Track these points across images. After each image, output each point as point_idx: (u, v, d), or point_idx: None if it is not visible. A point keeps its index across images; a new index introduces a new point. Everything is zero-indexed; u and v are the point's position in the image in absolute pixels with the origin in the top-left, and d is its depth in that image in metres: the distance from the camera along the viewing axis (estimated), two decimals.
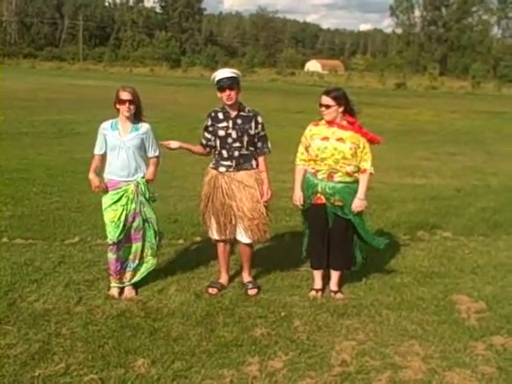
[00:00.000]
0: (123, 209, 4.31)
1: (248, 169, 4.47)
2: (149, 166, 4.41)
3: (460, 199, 8.16)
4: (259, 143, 4.50)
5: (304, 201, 4.48)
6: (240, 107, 4.46)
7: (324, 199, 4.40)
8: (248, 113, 4.47)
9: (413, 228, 6.49)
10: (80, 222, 6.20)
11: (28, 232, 5.81)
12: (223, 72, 4.40)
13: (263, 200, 4.45)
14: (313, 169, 4.43)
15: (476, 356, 3.64)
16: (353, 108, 4.41)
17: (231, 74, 4.36)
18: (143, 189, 4.34)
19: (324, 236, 4.51)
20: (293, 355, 3.59)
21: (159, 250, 4.66)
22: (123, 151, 4.27)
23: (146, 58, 74.94)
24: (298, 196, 4.50)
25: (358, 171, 4.37)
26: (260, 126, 4.47)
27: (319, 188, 4.39)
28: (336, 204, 4.39)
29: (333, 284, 4.60)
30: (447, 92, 44.83)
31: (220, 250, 4.66)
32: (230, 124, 4.41)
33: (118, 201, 4.30)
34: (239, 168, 4.44)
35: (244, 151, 4.43)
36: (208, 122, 4.50)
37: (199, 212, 4.71)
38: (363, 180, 4.38)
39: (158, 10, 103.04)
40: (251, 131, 4.43)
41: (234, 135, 4.40)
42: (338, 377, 3.36)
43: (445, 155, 12.47)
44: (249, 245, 4.61)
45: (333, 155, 4.29)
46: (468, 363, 3.56)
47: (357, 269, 4.67)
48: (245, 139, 4.41)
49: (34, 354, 3.47)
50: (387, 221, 6.74)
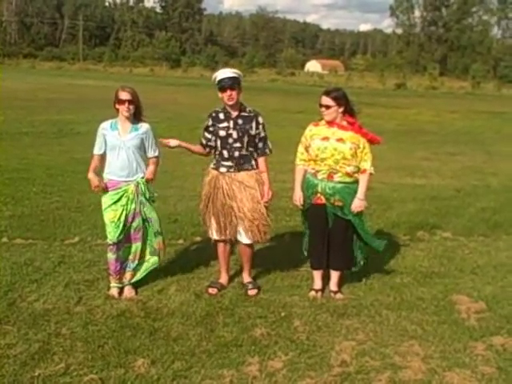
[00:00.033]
0: (123, 209, 4.30)
1: (248, 169, 4.46)
2: (148, 166, 4.41)
3: (460, 199, 8.16)
4: (260, 144, 4.49)
5: (304, 201, 4.48)
6: (241, 107, 4.46)
7: (324, 199, 4.40)
8: (249, 113, 4.46)
9: (413, 228, 6.49)
10: (80, 222, 6.20)
11: (28, 232, 5.81)
12: (224, 72, 4.39)
13: (264, 200, 4.45)
14: (313, 169, 4.43)
15: (476, 356, 3.64)
16: (353, 108, 4.41)
17: (232, 74, 4.36)
18: (143, 189, 4.33)
19: (324, 236, 4.51)
20: (293, 355, 3.59)
21: (164, 250, 4.62)
22: (123, 151, 4.27)
23: (146, 58, 74.95)
24: (298, 196, 4.50)
25: (358, 171, 4.37)
26: (261, 127, 4.47)
27: (319, 188, 4.39)
28: (336, 204, 4.39)
29: (333, 284, 4.60)
30: (447, 92, 44.85)
31: (220, 250, 4.66)
32: (231, 124, 4.41)
33: (118, 201, 4.30)
34: (240, 168, 4.44)
35: (244, 152, 4.43)
36: (209, 122, 4.49)
37: (199, 212, 4.71)
38: (363, 180, 4.38)
39: (158, 10, 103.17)
40: (252, 131, 4.42)
41: (235, 135, 4.40)
42: (338, 377, 3.36)
43: (445, 155, 12.48)
44: (249, 245, 4.61)
45: (333, 155, 4.30)
46: (468, 363, 3.56)
47: (357, 269, 4.68)
48: (245, 139, 4.40)
49: (34, 354, 3.47)
50: (387, 221, 6.75)
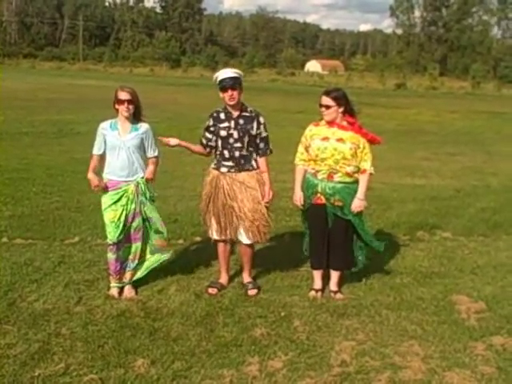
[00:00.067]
0: (123, 209, 4.30)
1: (249, 170, 4.46)
2: (148, 166, 4.41)
3: (460, 199, 8.16)
4: (261, 144, 4.49)
5: (304, 201, 4.48)
6: (242, 107, 4.45)
7: (324, 199, 4.40)
8: (250, 113, 4.46)
9: (412, 228, 6.49)
10: (80, 222, 6.20)
11: (28, 232, 5.81)
12: (225, 72, 4.39)
13: (264, 201, 4.45)
14: (313, 169, 4.43)
15: (476, 356, 3.64)
16: (353, 108, 4.41)
17: (234, 74, 4.36)
18: (143, 188, 4.33)
19: (324, 236, 4.51)
20: (292, 355, 3.59)
21: (166, 248, 4.59)
22: (123, 151, 4.26)
23: (146, 58, 74.94)
24: (298, 196, 4.50)
25: (358, 171, 4.37)
26: (262, 127, 4.47)
27: (319, 188, 4.39)
28: (336, 204, 4.38)
29: (332, 284, 4.60)
30: (447, 92, 44.83)
31: (220, 250, 4.66)
32: (232, 124, 4.40)
33: (118, 201, 4.29)
34: (240, 169, 4.44)
35: (245, 152, 4.43)
36: (210, 122, 4.49)
37: (200, 212, 4.71)
38: (363, 180, 4.38)
39: (158, 10, 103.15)
40: (253, 132, 4.42)
41: (236, 135, 4.40)
42: (338, 377, 3.36)
43: (445, 155, 12.48)
44: (249, 245, 4.61)
45: (333, 155, 4.30)
46: (468, 363, 3.56)
47: (357, 269, 4.67)
48: (246, 139, 4.40)
49: (34, 354, 3.47)
50: (387, 221, 6.75)
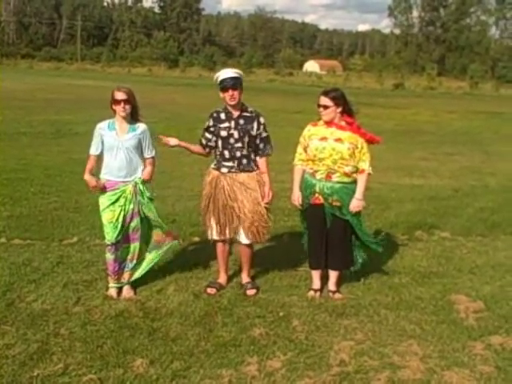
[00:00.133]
0: (121, 209, 4.29)
1: (250, 170, 4.46)
2: (145, 167, 4.40)
3: (458, 199, 8.18)
4: (261, 144, 4.49)
5: (302, 201, 4.48)
6: (242, 107, 4.45)
7: (322, 199, 4.40)
8: (251, 113, 4.46)
9: (411, 228, 6.49)
10: (78, 223, 6.20)
11: (26, 232, 5.80)
12: (226, 72, 4.39)
13: (264, 202, 4.45)
14: (311, 169, 4.43)
15: (474, 355, 3.65)
16: (351, 108, 4.40)
17: (234, 74, 4.36)
18: (141, 189, 4.33)
19: (322, 236, 4.51)
20: (291, 355, 3.59)
21: (165, 243, 4.56)
22: (121, 151, 4.25)
23: (144, 58, 74.90)
24: (297, 196, 4.50)
25: (356, 171, 4.37)
26: (262, 127, 4.47)
27: (317, 188, 4.39)
28: (334, 204, 4.39)
29: (331, 284, 4.60)
30: (445, 92, 44.90)
31: (219, 250, 4.66)
32: (233, 124, 4.40)
33: (116, 201, 4.29)
34: (241, 169, 4.44)
35: (245, 152, 4.43)
36: (210, 123, 4.49)
37: (199, 212, 4.71)
38: (361, 180, 4.38)
39: (157, 10, 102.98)
40: (253, 132, 4.42)
41: (236, 135, 4.40)
42: (337, 376, 3.36)
43: (443, 155, 12.49)
44: (248, 245, 4.60)
45: (331, 155, 4.30)
46: (466, 363, 3.56)
47: (356, 269, 4.68)
48: (246, 140, 4.40)
49: (33, 354, 3.46)
50: (385, 221, 6.75)
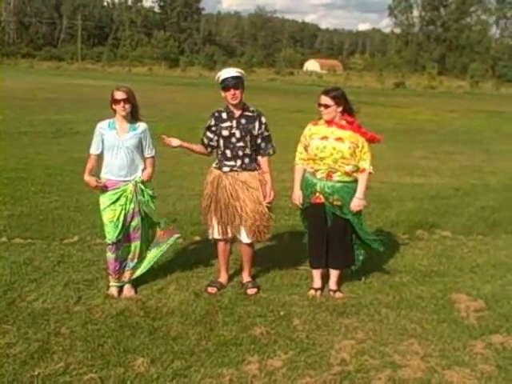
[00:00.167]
0: (122, 208, 4.29)
1: (252, 169, 4.46)
2: (145, 167, 4.39)
3: (459, 198, 8.17)
4: (263, 144, 4.49)
5: (303, 200, 4.48)
6: (244, 107, 4.45)
7: (323, 198, 4.40)
8: (252, 113, 4.46)
9: (412, 227, 6.49)
10: (79, 222, 6.20)
11: (27, 231, 5.80)
12: (228, 71, 4.39)
13: (266, 201, 4.45)
14: (312, 168, 4.43)
15: (475, 355, 3.65)
16: (352, 107, 4.40)
17: (236, 74, 4.36)
18: (142, 187, 4.33)
19: (323, 235, 4.50)
20: (292, 354, 3.59)
21: (164, 239, 4.57)
22: (122, 151, 4.26)
23: (145, 58, 74.84)
24: (298, 195, 4.50)
25: (357, 171, 4.37)
26: (264, 127, 4.46)
27: (318, 187, 4.39)
28: (335, 203, 4.38)
29: (332, 283, 4.60)
30: (446, 91, 44.85)
31: (220, 250, 4.66)
32: (234, 124, 4.40)
33: (117, 201, 4.29)
34: (243, 168, 4.43)
35: (248, 151, 4.43)
36: (211, 122, 4.48)
37: (200, 211, 4.71)
38: (362, 179, 4.38)
39: (157, 10, 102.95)
40: (254, 131, 4.42)
41: (238, 135, 4.39)
42: (338, 376, 3.36)
43: (443, 154, 12.48)
44: (250, 245, 4.61)
45: (332, 155, 4.30)
46: (467, 362, 3.56)
47: (357, 267, 4.67)
48: (248, 139, 4.40)
49: (34, 353, 3.47)
50: (386, 220, 6.75)
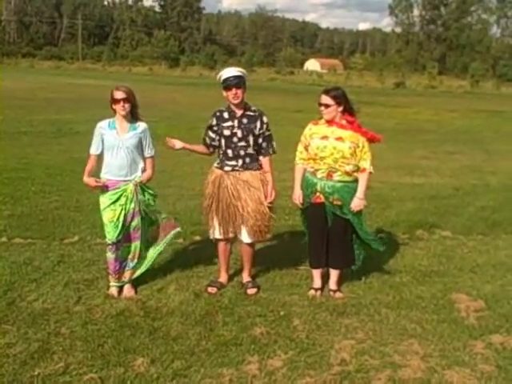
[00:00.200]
0: (122, 208, 4.29)
1: (253, 169, 4.45)
2: (145, 167, 4.38)
3: (459, 198, 8.16)
4: (264, 143, 4.48)
5: (303, 200, 4.48)
6: (246, 106, 4.45)
7: (323, 198, 4.40)
8: (254, 112, 4.45)
9: (412, 227, 6.49)
10: (79, 222, 6.20)
11: (27, 231, 5.80)
12: (229, 71, 4.38)
13: (267, 201, 4.44)
14: (312, 168, 4.43)
15: (475, 355, 3.65)
16: (352, 107, 4.40)
17: (237, 73, 4.35)
18: (142, 187, 4.33)
19: (323, 235, 4.50)
20: (292, 354, 3.59)
21: (162, 238, 4.56)
22: (122, 151, 4.25)
23: (145, 57, 74.85)
24: (298, 195, 4.50)
25: (358, 170, 4.37)
26: (265, 126, 4.46)
27: (318, 187, 4.39)
28: (335, 203, 4.38)
29: (332, 283, 4.60)
30: (446, 91, 44.84)
31: (221, 250, 4.66)
32: (236, 123, 4.40)
33: (117, 201, 4.28)
34: (245, 168, 4.43)
35: (250, 150, 4.42)
36: (213, 122, 4.48)
37: (201, 211, 4.70)
38: (362, 179, 4.38)
39: (157, 9, 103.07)
40: (256, 131, 4.41)
41: (240, 134, 4.39)
42: (338, 376, 3.36)
43: (444, 154, 12.48)
44: (250, 244, 4.60)
45: (332, 154, 4.29)
46: (467, 362, 3.56)
47: (357, 267, 4.67)
48: (250, 138, 4.40)
49: (34, 353, 3.47)
50: (386, 220, 6.75)
